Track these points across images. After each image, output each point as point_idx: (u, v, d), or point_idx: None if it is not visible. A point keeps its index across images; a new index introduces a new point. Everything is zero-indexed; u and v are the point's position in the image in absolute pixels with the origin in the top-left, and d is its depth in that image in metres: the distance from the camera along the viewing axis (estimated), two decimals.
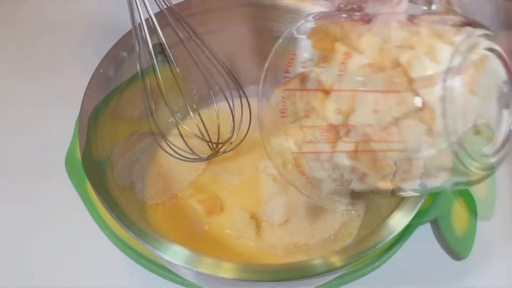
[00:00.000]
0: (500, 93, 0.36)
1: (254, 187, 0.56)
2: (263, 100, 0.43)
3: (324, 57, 0.39)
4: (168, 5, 0.51)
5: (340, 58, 0.37)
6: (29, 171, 0.61)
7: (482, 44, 0.35)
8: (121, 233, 0.55)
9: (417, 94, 0.34)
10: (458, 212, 0.57)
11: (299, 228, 0.53)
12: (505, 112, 0.37)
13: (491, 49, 0.36)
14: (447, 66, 0.33)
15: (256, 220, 0.53)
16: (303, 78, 0.40)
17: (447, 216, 0.56)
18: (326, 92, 0.38)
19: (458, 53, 0.34)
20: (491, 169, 0.37)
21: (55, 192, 0.59)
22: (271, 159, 0.45)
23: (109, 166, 0.46)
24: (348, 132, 0.37)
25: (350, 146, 0.38)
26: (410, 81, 0.34)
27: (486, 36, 0.36)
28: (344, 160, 0.39)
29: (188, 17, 0.52)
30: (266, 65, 0.43)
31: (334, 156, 0.39)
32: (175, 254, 0.40)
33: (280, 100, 0.42)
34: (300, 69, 0.41)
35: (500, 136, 0.37)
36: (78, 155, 0.47)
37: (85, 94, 0.48)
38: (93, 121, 0.47)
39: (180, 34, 0.52)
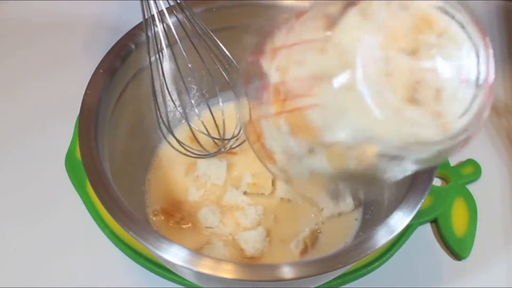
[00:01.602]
0: (460, 65, 0.32)
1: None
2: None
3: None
4: (178, 1, 0.51)
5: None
6: (29, 171, 0.61)
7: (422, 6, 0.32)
8: (121, 233, 0.55)
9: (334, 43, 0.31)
10: (458, 212, 0.57)
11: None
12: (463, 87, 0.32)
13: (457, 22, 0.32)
14: (373, 20, 0.31)
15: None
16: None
17: (447, 216, 0.57)
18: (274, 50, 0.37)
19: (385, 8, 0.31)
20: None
21: (55, 192, 0.59)
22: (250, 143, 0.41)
23: (109, 166, 0.46)
24: (282, 90, 0.35)
25: (284, 106, 0.35)
26: (330, 29, 0.32)
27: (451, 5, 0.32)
28: (283, 125, 0.36)
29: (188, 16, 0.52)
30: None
31: (276, 120, 0.36)
32: (175, 254, 0.40)
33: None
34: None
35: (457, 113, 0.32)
36: (78, 155, 0.47)
37: (85, 94, 0.48)
38: (93, 121, 0.47)
39: (189, 30, 0.52)
